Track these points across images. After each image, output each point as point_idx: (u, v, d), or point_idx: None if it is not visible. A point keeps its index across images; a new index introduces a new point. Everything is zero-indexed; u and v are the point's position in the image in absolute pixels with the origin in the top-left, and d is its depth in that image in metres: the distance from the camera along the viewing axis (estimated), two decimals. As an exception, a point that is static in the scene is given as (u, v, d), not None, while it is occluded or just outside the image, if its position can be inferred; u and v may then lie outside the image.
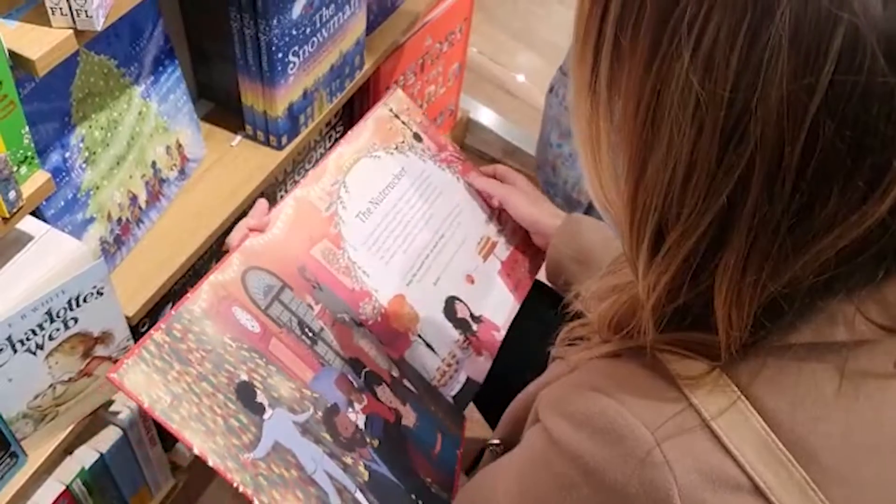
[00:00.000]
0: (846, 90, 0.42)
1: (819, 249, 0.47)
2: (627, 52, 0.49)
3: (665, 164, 0.48)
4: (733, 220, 0.47)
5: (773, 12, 0.42)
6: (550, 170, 1.31)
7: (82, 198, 0.98)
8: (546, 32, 2.42)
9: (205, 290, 0.83)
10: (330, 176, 1.03)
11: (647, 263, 0.53)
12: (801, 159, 0.44)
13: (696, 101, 0.45)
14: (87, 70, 0.93)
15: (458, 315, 1.04)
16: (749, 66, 0.43)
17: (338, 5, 1.19)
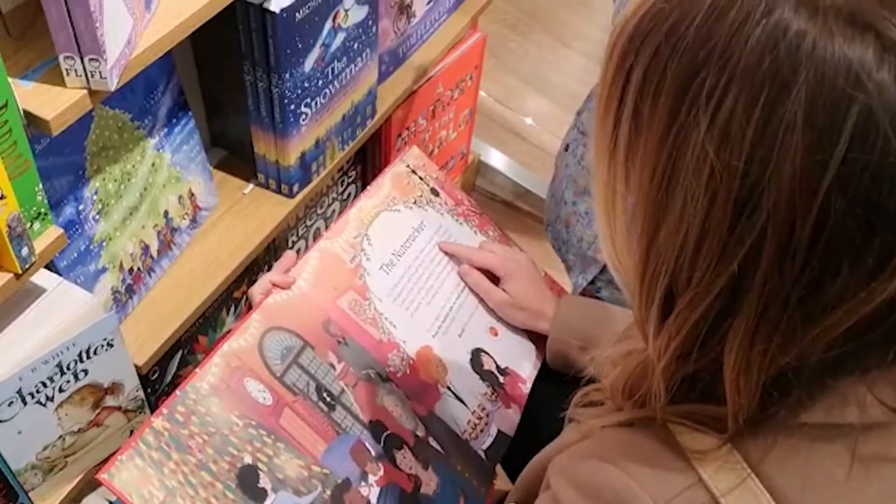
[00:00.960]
0: (858, 169, 0.43)
1: (828, 324, 0.47)
2: (646, 119, 0.50)
3: (678, 228, 0.49)
4: (744, 288, 0.48)
5: (789, 89, 0.43)
6: (563, 227, 1.31)
7: (95, 249, 0.99)
8: (555, 77, 2.45)
9: (216, 362, 0.83)
10: (352, 229, 1.04)
11: (657, 326, 0.54)
12: (812, 234, 0.45)
13: (711, 170, 0.46)
14: (101, 124, 0.95)
15: (485, 367, 1.04)
16: (764, 140, 0.44)
17: (350, 58, 1.20)
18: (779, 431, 0.53)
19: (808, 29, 0.44)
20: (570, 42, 2.54)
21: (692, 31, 0.47)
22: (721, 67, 0.46)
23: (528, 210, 2.19)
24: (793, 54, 0.44)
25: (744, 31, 0.45)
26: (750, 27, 0.45)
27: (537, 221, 2.15)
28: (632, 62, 0.50)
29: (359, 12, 1.18)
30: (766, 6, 0.45)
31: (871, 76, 0.43)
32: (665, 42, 0.48)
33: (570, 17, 2.60)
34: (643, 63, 0.50)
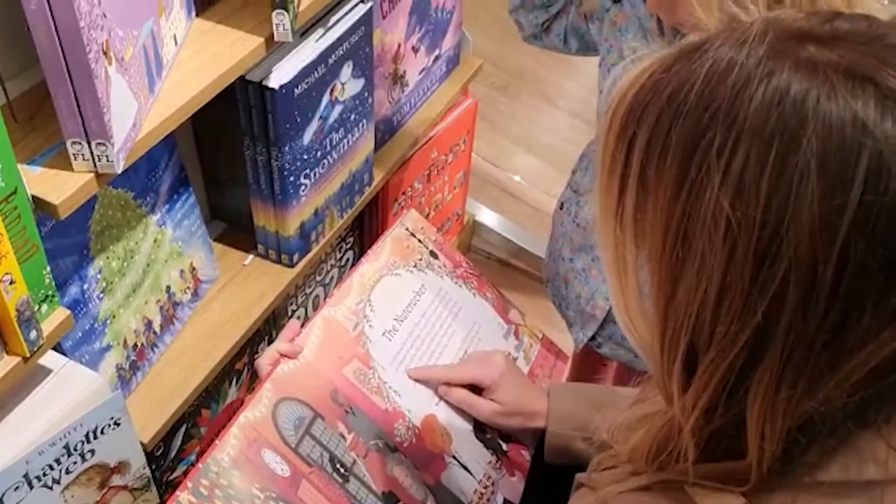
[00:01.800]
0: (874, 210, 0.45)
1: (853, 367, 0.48)
2: (653, 181, 0.51)
3: (697, 285, 0.50)
4: (768, 338, 0.48)
5: (799, 140, 0.45)
6: (562, 284, 1.33)
7: (99, 327, 1.00)
8: (543, 136, 2.49)
9: (234, 434, 0.83)
10: (355, 295, 1.04)
11: (681, 385, 0.54)
12: (835, 277, 0.46)
13: (728, 224, 0.47)
14: (105, 204, 0.96)
15: (488, 435, 1.04)
16: (780, 190, 0.46)
17: (347, 129, 1.23)
18: (798, 490, 0.53)
19: (810, 86, 0.46)
20: (556, 101, 2.59)
21: (693, 96, 0.49)
22: (728, 126, 0.47)
23: (524, 268, 2.20)
24: (798, 109, 0.46)
25: (746, 93, 0.47)
26: (752, 89, 0.47)
27: (534, 279, 2.17)
28: (634, 130, 0.52)
29: (355, 85, 1.20)
30: (766, 69, 0.47)
31: (876, 124, 0.45)
32: (667, 108, 0.50)
33: (555, 78, 2.65)
34: (646, 130, 0.51)
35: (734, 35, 0.50)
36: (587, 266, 1.23)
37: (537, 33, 1.17)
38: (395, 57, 1.37)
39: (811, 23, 0.50)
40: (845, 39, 0.48)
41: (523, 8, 1.14)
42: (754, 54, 0.48)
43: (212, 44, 0.94)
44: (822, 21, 0.50)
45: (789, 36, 0.49)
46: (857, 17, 0.53)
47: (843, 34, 0.49)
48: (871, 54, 0.47)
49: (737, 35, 0.50)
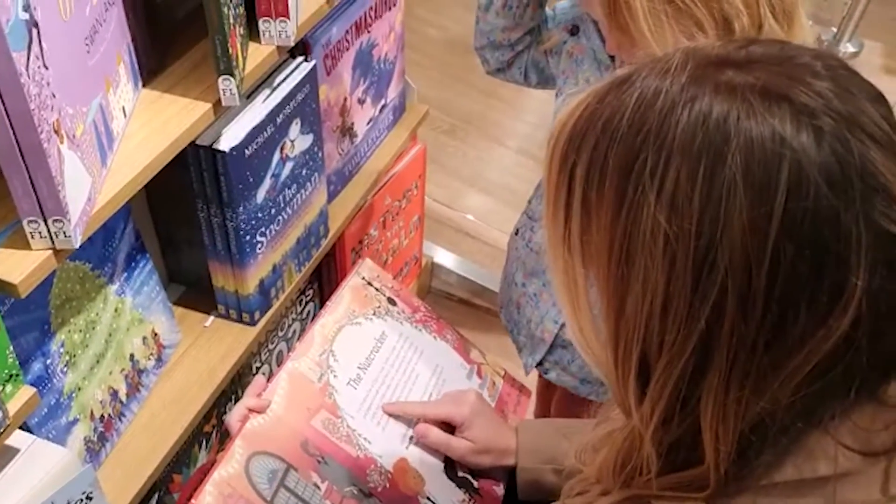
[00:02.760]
0: (799, 216, 0.48)
1: (795, 366, 0.51)
2: (595, 204, 0.54)
3: (643, 298, 0.53)
4: (714, 342, 0.51)
5: (725, 156, 0.49)
6: (515, 308, 1.35)
7: (65, 401, 0.99)
8: (494, 175, 2.54)
9: (209, 491, 0.83)
10: (317, 346, 1.06)
11: (637, 395, 0.56)
12: (769, 281, 0.49)
13: (666, 238, 0.50)
14: (63, 277, 0.96)
15: (459, 474, 1.05)
16: (710, 203, 0.49)
17: (299, 184, 1.25)
18: (757, 493, 0.55)
19: (730, 107, 0.50)
20: (503, 140, 2.64)
21: (625, 122, 0.52)
22: (658, 148, 0.51)
23: (486, 306, 2.22)
24: (722, 128, 0.49)
25: (673, 117, 0.51)
26: (678, 113, 0.51)
27: (495, 316, 2.18)
28: (574, 159, 0.55)
29: (304, 141, 1.22)
30: (689, 94, 0.51)
31: (793, 137, 0.48)
32: (602, 135, 0.54)
33: (501, 119, 2.70)
34: (585, 157, 0.54)
35: (658, 66, 0.54)
36: (538, 290, 1.26)
37: (502, 68, 1.22)
38: (341, 110, 1.40)
39: (728, 49, 0.54)
40: (760, 62, 0.52)
41: (490, 46, 1.19)
42: (677, 82, 0.52)
43: (160, 113, 0.96)
44: (737, 47, 0.55)
45: (708, 63, 0.53)
46: (770, 41, 0.57)
47: (758, 58, 0.53)
48: (783, 74, 0.51)
49: (661, 65, 0.54)
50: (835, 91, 0.51)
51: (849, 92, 0.51)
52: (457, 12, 2.99)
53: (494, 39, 1.18)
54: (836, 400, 0.54)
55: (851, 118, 0.50)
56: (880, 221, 0.49)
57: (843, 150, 0.49)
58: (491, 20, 1.15)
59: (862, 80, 0.54)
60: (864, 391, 0.54)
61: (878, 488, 0.56)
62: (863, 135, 0.50)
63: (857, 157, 0.49)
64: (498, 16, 1.14)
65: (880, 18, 2.99)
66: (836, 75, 0.52)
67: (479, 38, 1.20)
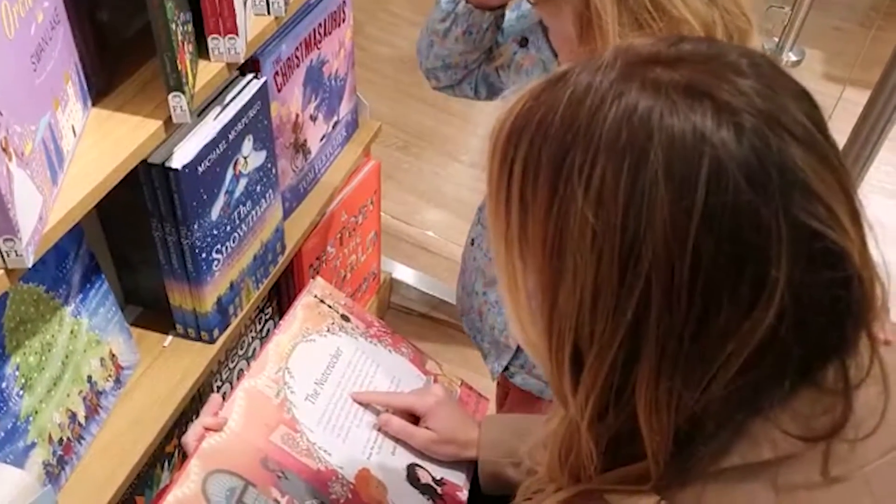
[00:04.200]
0: (719, 210, 0.50)
1: (724, 358, 0.52)
2: (530, 200, 0.56)
3: (573, 290, 0.54)
4: (641, 334, 0.52)
5: (647, 152, 0.50)
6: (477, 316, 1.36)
7: (22, 425, 0.98)
8: (450, 190, 2.56)
9: None
10: (273, 364, 1.06)
11: (572, 385, 0.58)
12: (691, 274, 0.50)
13: (593, 233, 0.52)
14: (17, 300, 0.96)
15: (422, 481, 1.05)
16: (634, 198, 0.50)
17: (254, 201, 1.25)
18: (706, 480, 0.57)
19: (654, 104, 0.51)
20: (458, 156, 2.67)
21: (557, 120, 0.54)
22: (586, 145, 0.52)
23: (446, 319, 2.24)
24: (645, 124, 0.51)
25: (601, 113, 0.52)
26: (605, 109, 0.52)
27: (455, 329, 2.20)
28: (512, 156, 0.57)
29: (257, 158, 1.23)
30: (616, 90, 0.53)
31: (713, 133, 0.50)
32: (536, 132, 0.55)
33: (455, 134, 2.73)
34: (522, 154, 0.56)
35: (592, 63, 0.56)
36: (500, 298, 1.27)
37: (452, 85, 1.23)
38: (294, 127, 1.41)
39: (658, 47, 0.56)
40: (687, 60, 0.54)
41: (444, 67, 1.20)
42: (607, 78, 0.54)
43: (111, 131, 0.96)
44: (668, 45, 0.56)
45: (638, 60, 0.55)
46: (700, 39, 0.59)
47: (686, 55, 0.55)
48: (708, 72, 0.53)
49: (594, 63, 0.56)
50: (757, 89, 0.52)
51: (771, 89, 0.53)
52: (406, 30, 3.03)
53: (450, 62, 1.19)
54: (773, 390, 0.56)
55: (772, 115, 0.52)
56: (799, 216, 0.51)
57: (763, 147, 0.50)
58: (449, 45, 1.16)
59: (787, 77, 0.56)
60: (801, 379, 0.56)
61: (817, 470, 0.57)
62: (783, 132, 0.51)
63: (777, 153, 0.51)
64: (457, 41, 1.15)
65: (821, 27, 3.09)
66: (761, 73, 0.54)
67: (431, 60, 1.20)
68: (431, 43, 1.17)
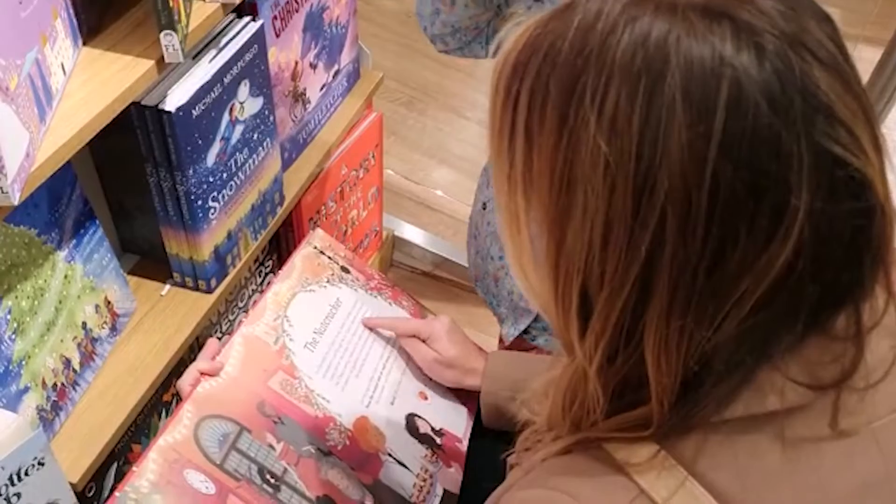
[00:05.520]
0: (738, 135, 0.47)
1: (738, 295, 0.50)
2: (537, 132, 0.53)
3: (583, 227, 0.52)
4: (654, 270, 0.50)
5: (664, 75, 0.48)
6: (492, 282, 1.34)
7: (14, 369, 0.97)
8: (455, 147, 2.53)
9: (153, 458, 0.82)
10: (271, 312, 1.04)
11: (579, 330, 0.56)
12: (708, 204, 0.48)
13: (606, 162, 0.49)
14: (7, 242, 0.94)
15: (421, 431, 1.05)
16: (649, 123, 0.48)
17: (251, 149, 1.23)
18: (708, 431, 0.55)
19: (670, 26, 0.49)
20: (464, 112, 2.63)
21: (566, 46, 0.51)
22: (599, 70, 0.50)
23: (448, 277, 2.22)
24: (661, 47, 0.48)
25: (613, 38, 0.50)
26: (618, 33, 0.50)
27: (458, 287, 2.19)
28: (518, 87, 0.54)
29: (254, 104, 1.21)
30: (629, 14, 0.50)
31: (733, 55, 0.48)
32: (544, 61, 0.52)
33: (460, 89, 2.69)
34: (528, 85, 0.53)
35: None
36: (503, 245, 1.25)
37: (462, 47, 1.19)
38: (293, 74, 1.38)
39: None
40: None
41: (453, 31, 1.15)
42: (619, 3, 0.51)
43: (101, 70, 0.94)
44: None
45: None
46: None
47: None
48: None
49: None
50: (779, 9, 0.50)
51: (794, 10, 0.50)
52: (413, -16, 2.97)
53: (460, 26, 1.15)
54: (784, 333, 0.53)
55: (795, 37, 0.49)
56: (821, 142, 0.49)
57: (785, 69, 0.48)
58: (458, 11, 1.11)
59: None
60: (812, 324, 0.54)
61: (826, 422, 0.56)
62: (806, 54, 0.49)
63: (800, 76, 0.48)
64: (467, 7, 1.10)
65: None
66: None
67: (437, 26, 1.15)
68: (437, 11, 1.12)
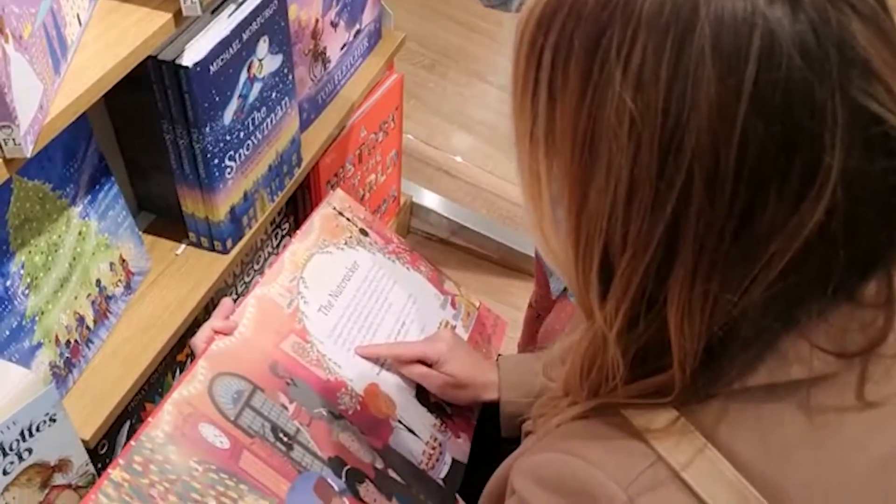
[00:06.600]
0: (770, 89, 0.45)
1: (766, 260, 0.48)
2: (560, 88, 0.51)
3: (606, 187, 0.50)
4: (680, 232, 0.48)
5: (693, 26, 0.46)
6: None
7: (28, 324, 0.97)
8: (476, 112, 2.49)
9: (168, 410, 0.82)
10: (287, 273, 1.04)
11: (600, 294, 0.54)
12: (737, 162, 0.46)
13: (632, 119, 0.47)
14: (21, 197, 0.93)
15: (431, 400, 1.04)
16: (678, 78, 0.46)
17: (269, 108, 1.21)
18: (729, 399, 0.53)
19: None
20: (486, 76, 2.59)
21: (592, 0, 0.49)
22: (625, 22, 0.47)
23: (466, 245, 2.20)
24: None
25: None
26: None
27: (476, 256, 2.17)
28: (541, 43, 0.52)
29: (273, 62, 1.18)
30: None
31: (766, 5, 0.45)
32: (569, 15, 0.50)
33: (483, 53, 2.65)
34: (552, 41, 0.51)
35: None
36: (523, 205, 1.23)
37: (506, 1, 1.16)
38: (313, 33, 1.36)
39: None
40: None
41: None
42: None
43: (118, 22, 0.92)
44: None
45: None
46: None
47: None
48: None
49: None
50: None
51: None
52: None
53: None
54: (812, 299, 0.52)
55: None
56: (857, 97, 0.47)
57: (821, 21, 0.46)
58: None
59: None
60: (842, 290, 0.52)
61: (852, 393, 0.54)
62: (845, 6, 0.47)
63: (836, 28, 0.46)
64: None
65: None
66: None
67: None
68: None
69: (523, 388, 0.98)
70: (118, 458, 0.76)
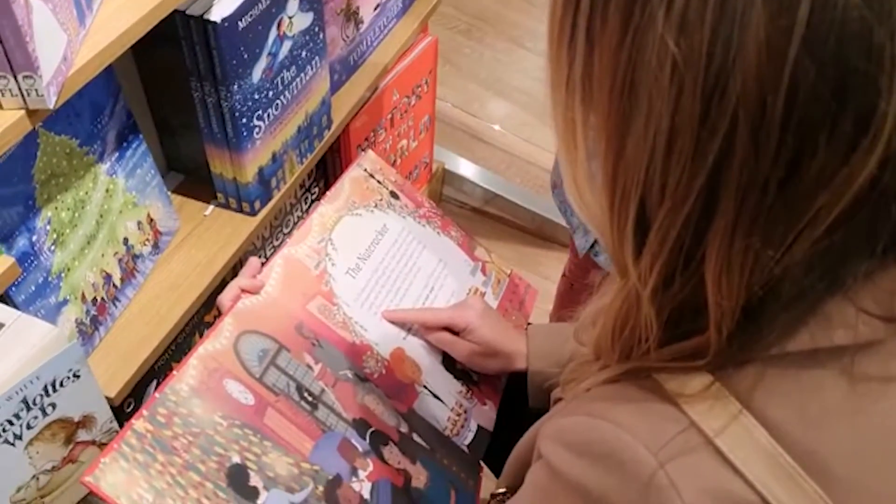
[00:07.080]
0: (823, 29, 0.42)
1: (812, 214, 0.45)
2: (599, 32, 0.48)
3: (645, 135, 0.47)
4: (721, 184, 0.45)
5: None
6: None
7: (54, 280, 0.97)
8: (513, 78, 2.45)
9: (193, 364, 0.81)
10: (315, 234, 1.02)
11: (635, 249, 0.51)
12: (785, 108, 0.43)
13: (674, 63, 0.44)
14: (48, 151, 0.92)
15: (458, 366, 1.02)
16: (724, 19, 0.43)
17: (299, 67, 1.19)
18: (767, 364, 0.51)
19: None
20: (524, 42, 2.55)
21: None
22: None
23: (499, 214, 2.18)
24: None
25: None
26: None
27: (509, 226, 2.15)
28: None
29: (303, 19, 1.16)
30: None
31: None
32: None
33: (521, 18, 2.60)
34: None
35: None
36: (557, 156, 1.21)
37: None
38: (345, -8, 1.33)
39: None
40: None
41: None
42: None
43: (145, -25, 0.90)
44: None
45: None
46: None
47: None
48: None
49: None
50: None
51: None
52: None
53: None
54: (860, 258, 0.49)
55: None
56: None
57: None
58: None
59: None
60: (891, 251, 0.49)
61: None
62: None
63: None
64: None
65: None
66: None
67: None
68: None
69: (553, 357, 0.95)
70: (142, 409, 0.76)
